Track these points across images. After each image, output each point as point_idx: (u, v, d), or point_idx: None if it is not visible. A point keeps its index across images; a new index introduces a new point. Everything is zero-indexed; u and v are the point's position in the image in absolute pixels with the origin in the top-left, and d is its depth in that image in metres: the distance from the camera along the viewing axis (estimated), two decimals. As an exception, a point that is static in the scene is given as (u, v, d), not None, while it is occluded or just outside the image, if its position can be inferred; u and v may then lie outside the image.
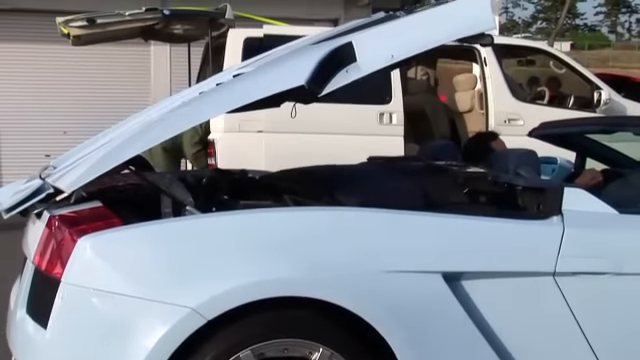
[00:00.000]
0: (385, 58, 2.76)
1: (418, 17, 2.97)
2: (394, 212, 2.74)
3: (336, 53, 2.80)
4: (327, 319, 2.57)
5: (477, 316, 2.71)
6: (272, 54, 3.64)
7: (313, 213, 2.75)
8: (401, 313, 2.60)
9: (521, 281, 2.75)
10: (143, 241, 2.58)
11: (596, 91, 7.43)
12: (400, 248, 2.66)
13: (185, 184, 3.12)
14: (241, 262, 2.53)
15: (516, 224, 2.81)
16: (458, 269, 2.70)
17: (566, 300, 2.76)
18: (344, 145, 6.30)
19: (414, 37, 2.80)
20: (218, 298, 2.45)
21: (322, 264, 2.56)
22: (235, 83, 3.17)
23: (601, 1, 73.03)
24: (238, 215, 2.74)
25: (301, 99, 3.41)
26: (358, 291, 2.56)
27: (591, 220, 2.86)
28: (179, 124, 2.94)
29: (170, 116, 3.06)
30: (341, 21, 13.21)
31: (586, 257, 2.78)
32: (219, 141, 6.63)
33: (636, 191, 3.48)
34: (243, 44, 6.73)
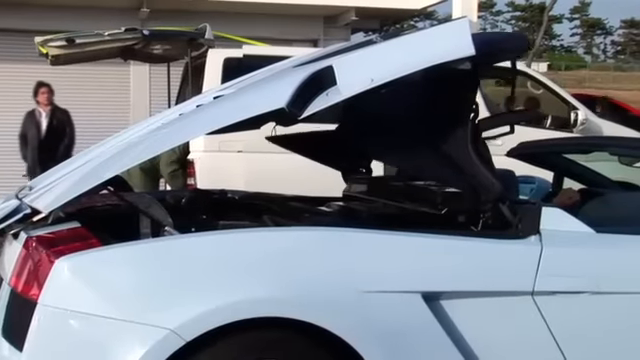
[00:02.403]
0: (365, 82, 2.78)
1: (398, 42, 3.00)
2: (373, 232, 2.75)
3: (316, 76, 2.83)
4: (307, 339, 2.56)
5: (456, 336, 2.71)
6: (252, 76, 3.66)
7: (292, 233, 2.76)
8: (381, 333, 2.60)
9: (500, 300, 2.76)
10: (121, 262, 2.56)
11: (573, 111, 7.51)
12: (379, 268, 2.66)
13: (164, 204, 3.12)
14: (220, 282, 2.52)
15: (495, 244, 2.82)
16: (437, 289, 2.71)
17: (544, 319, 2.78)
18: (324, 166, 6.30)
19: (394, 62, 2.83)
20: (197, 319, 2.44)
21: (301, 284, 2.56)
22: (215, 105, 3.18)
23: (577, 23, 74.01)
24: (217, 235, 2.73)
25: (281, 121, 3.43)
26: (338, 311, 2.56)
27: (569, 239, 2.88)
28: (159, 145, 2.93)
29: (150, 137, 3.06)
30: (320, 41, 13.29)
31: (564, 276, 2.80)
32: (199, 161, 6.62)
33: (612, 210, 3.52)
34: (223, 64, 6.75)
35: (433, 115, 3.08)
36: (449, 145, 2.96)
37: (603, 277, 2.84)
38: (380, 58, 2.89)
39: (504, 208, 2.87)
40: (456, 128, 2.96)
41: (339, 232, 2.75)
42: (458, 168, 2.92)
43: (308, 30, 13.19)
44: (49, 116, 8.37)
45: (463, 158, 2.91)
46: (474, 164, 2.89)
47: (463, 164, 2.91)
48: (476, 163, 2.89)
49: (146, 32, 7.39)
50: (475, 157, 2.90)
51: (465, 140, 2.92)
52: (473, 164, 2.89)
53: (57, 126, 8.36)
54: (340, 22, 13.39)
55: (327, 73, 2.82)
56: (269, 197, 3.80)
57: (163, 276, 2.52)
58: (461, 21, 2.84)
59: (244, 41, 7.90)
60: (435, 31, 2.97)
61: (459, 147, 2.92)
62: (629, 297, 2.87)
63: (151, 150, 2.93)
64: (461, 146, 2.92)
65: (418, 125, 3.11)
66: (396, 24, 18.20)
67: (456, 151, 2.93)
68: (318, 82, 2.81)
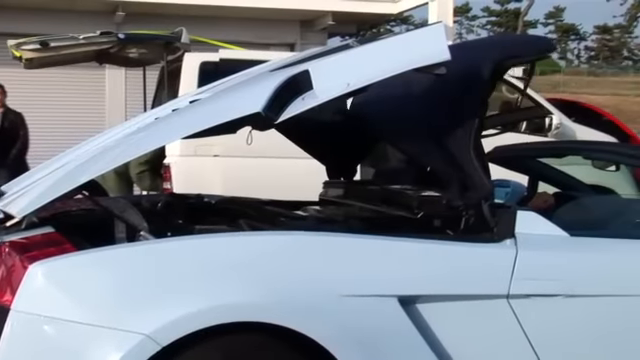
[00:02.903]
0: (341, 86, 2.79)
1: (374, 47, 3.01)
2: (350, 236, 2.76)
3: (293, 80, 2.83)
4: (284, 344, 2.56)
5: (433, 339, 2.72)
6: (229, 80, 3.65)
7: (268, 237, 2.75)
8: (357, 337, 2.60)
9: (476, 304, 2.78)
10: (96, 267, 2.55)
11: (547, 116, 7.57)
12: (356, 272, 2.66)
13: (140, 209, 3.10)
14: (196, 287, 2.51)
15: (470, 247, 2.84)
16: (413, 293, 2.72)
17: (520, 323, 2.80)
18: (300, 169, 6.30)
19: (370, 66, 2.84)
20: (173, 324, 2.43)
21: (278, 288, 2.56)
22: (191, 109, 3.17)
23: (551, 28, 74.71)
24: (193, 240, 2.72)
25: (257, 126, 3.43)
26: (314, 315, 2.56)
27: (543, 243, 2.91)
28: (135, 149, 2.92)
29: (126, 141, 3.04)
30: (297, 45, 13.30)
31: (539, 279, 2.82)
32: (175, 165, 6.59)
33: (586, 214, 3.55)
34: (199, 68, 6.73)
35: (446, 109, 3.10)
36: (454, 139, 3.00)
37: (577, 280, 2.87)
38: (356, 63, 2.90)
39: (486, 209, 2.89)
40: (464, 124, 2.99)
41: (315, 236, 2.75)
42: (456, 162, 2.95)
43: (285, 34, 13.20)
44: (1, 118, 8.11)
45: (463, 153, 2.94)
46: (472, 160, 2.92)
47: (462, 159, 2.95)
48: (474, 160, 2.92)
49: (122, 36, 7.35)
50: (474, 154, 2.94)
51: (469, 137, 2.96)
52: (471, 160, 2.92)
53: (9, 129, 8.12)
54: (317, 26, 13.41)
55: (303, 77, 2.82)
56: (245, 201, 3.79)
57: (138, 281, 2.51)
58: (436, 26, 2.86)
59: (221, 45, 7.89)
60: (411, 36, 2.99)
61: (462, 142, 2.96)
62: (603, 300, 2.90)
63: (127, 154, 2.91)
64: (464, 142, 2.96)
65: (431, 115, 3.14)
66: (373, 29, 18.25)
67: (459, 145, 2.97)
68: (294, 86, 2.81)
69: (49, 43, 7.09)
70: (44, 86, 10.78)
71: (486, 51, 3.32)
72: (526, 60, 3.53)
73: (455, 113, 3.04)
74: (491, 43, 4.24)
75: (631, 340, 2.93)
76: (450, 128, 3.02)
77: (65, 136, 9.35)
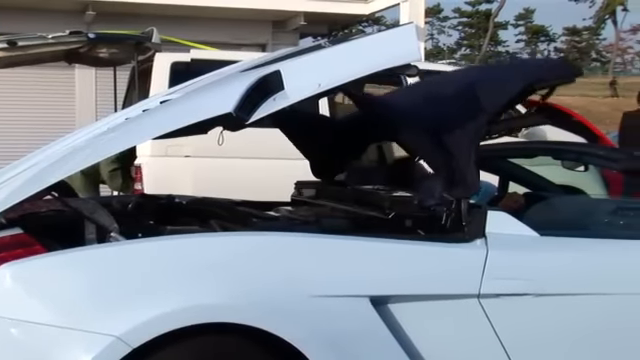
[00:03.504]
0: (312, 87, 2.79)
1: (346, 47, 3.02)
2: (321, 237, 2.76)
3: (264, 81, 2.82)
4: (255, 345, 2.55)
5: (405, 339, 2.73)
6: (200, 81, 3.64)
7: (240, 238, 2.74)
8: (329, 338, 2.60)
9: (447, 304, 2.80)
10: (66, 268, 2.52)
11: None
12: (327, 272, 2.67)
13: (110, 210, 3.08)
14: (167, 289, 2.50)
15: (441, 247, 2.85)
16: (385, 293, 2.73)
17: (490, 322, 2.82)
18: (272, 170, 6.30)
19: (341, 67, 2.85)
20: (143, 326, 2.41)
21: (249, 289, 2.55)
22: (162, 109, 3.16)
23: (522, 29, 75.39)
24: (164, 241, 2.71)
25: (228, 126, 3.42)
26: (286, 316, 2.56)
27: (513, 242, 2.93)
28: (105, 150, 2.90)
29: (96, 141, 3.02)
30: (269, 46, 13.28)
31: (509, 279, 2.84)
32: (146, 166, 6.54)
33: (556, 214, 3.59)
34: (170, 68, 6.68)
35: (459, 109, 3.15)
36: (458, 137, 3.04)
37: (546, 279, 2.90)
38: (328, 63, 2.90)
39: (465, 208, 2.91)
40: (471, 126, 3.05)
41: (287, 237, 2.74)
42: (455, 158, 2.98)
43: (257, 35, 13.17)
44: None
45: (464, 152, 2.99)
46: (470, 160, 2.98)
47: (460, 157, 2.99)
48: (472, 160, 2.97)
49: (91, 35, 7.28)
50: (473, 155, 2.99)
51: (473, 138, 3.02)
52: (470, 160, 2.97)
53: None
54: (289, 27, 13.41)
55: (274, 78, 2.82)
56: (217, 202, 3.78)
57: (108, 283, 2.49)
58: (407, 26, 2.87)
59: (192, 45, 7.85)
60: (382, 36, 3.00)
61: (465, 142, 3.01)
62: (572, 299, 2.93)
63: (96, 155, 2.89)
64: (467, 142, 3.01)
65: (443, 113, 3.19)
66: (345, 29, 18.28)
67: (460, 144, 3.01)
68: (265, 87, 2.81)
69: (17, 42, 7.00)
70: (13, 85, 10.65)
71: (521, 73, 3.42)
72: (555, 84, 3.59)
73: (468, 118, 3.09)
74: (526, 66, 4.32)
75: (601, 338, 2.96)
76: (458, 128, 3.07)
77: (34, 136, 9.24)
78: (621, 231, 3.47)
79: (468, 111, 3.11)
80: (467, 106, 3.16)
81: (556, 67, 3.55)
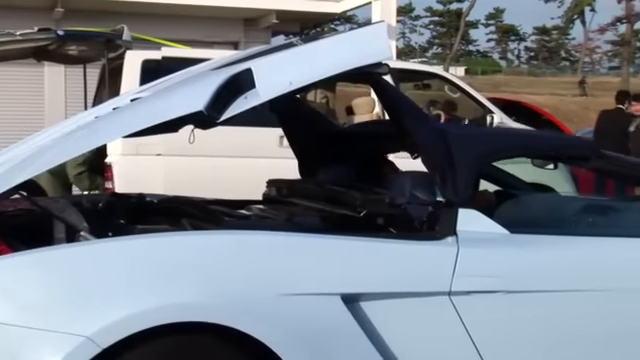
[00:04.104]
0: (284, 85, 2.79)
1: (317, 45, 3.02)
2: (293, 235, 2.76)
3: (235, 79, 2.81)
4: (227, 344, 2.54)
5: (377, 337, 2.74)
6: (171, 79, 3.62)
7: (211, 237, 2.73)
8: (301, 336, 2.60)
9: (418, 301, 2.81)
10: (34, 269, 2.49)
11: (488, 115, 7.69)
12: (299, 271, 2.66)
13: (80, 209, 3.04)
14: (137, 288, 2.48)
15: (412, 245, 2.86)
16: (356, 291, 2.73)
17: (461, 319, 2.83)
18: (244, 168, 6.29)
19: (312, 65, 2.85)
20: (113, 326, 2.39)
21: (221, 288, 2.54)
22: (132, 107, 3.13)
23: (492, 29, 75.95)
24: (134, 240, 2.68)
25: (199, 124, 3.41)
26: (257, 315, 2.55)
27: (484, 240, 2.95)
28: (74, 148, 2.87)
29: (64, 140, 2.98)
30: (241, 44, 13.24)
31: (480, 276, 2.86)
32: (116, 164, 6.49)
33: (526, 211, 3.62)
34: (141, 66, 6.63)
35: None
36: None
37: (516, 277, 2.92)
38: (299, 61, 2.90)
39: (449, 213, 2.93)
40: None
41: (259, 235, 2.74)
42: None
43: (229, 33, 13.13)
44: None
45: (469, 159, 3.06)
46: (472, 167, 3.06)
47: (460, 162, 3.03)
48: (473, 167, 3.06)
49: (60, 32, 7.19)
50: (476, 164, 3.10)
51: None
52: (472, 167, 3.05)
53: None
54: (261, 25, 13.38)
55: (246, 76, 2.81)
56: (188, 201, 3.75)
57: (78, 282, 2.46)
58: (379, 25, 2.88)
59: (163, 43, 7.79)
60: (354, 34, 3.00)
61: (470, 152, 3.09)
62: (542, 296, 2.95)
63: (65, 153, 2.86)
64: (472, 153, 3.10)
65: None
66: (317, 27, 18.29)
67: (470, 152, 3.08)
68: (237, 85, 2.80)
69: (-16, 39, 6.90)
70: (-20, 83, 10.53)
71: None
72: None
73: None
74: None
75: (571, 334, 2.99)
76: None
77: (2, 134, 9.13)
78: (590, 228, 3.51)
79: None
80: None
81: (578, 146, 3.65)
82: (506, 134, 3.97)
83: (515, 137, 3.69)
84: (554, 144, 3.68)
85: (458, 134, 3.28)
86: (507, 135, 3.77)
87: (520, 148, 3.49)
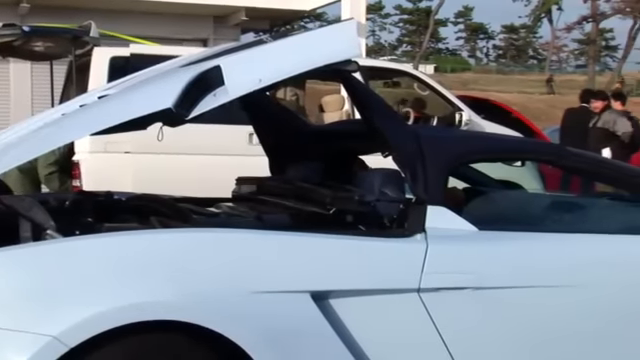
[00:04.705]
0: (253, 82, 2.78)
1: (286, 42, 3.02)
2: (261, 232, 2.75)
3: (204, 76, 2.79)
4: (197, 343, 2.53)
5: (346, 334, 2.74)
6: (138, 76, 3.59)
7: (180, 235, 2.72)
8: (271, 334, 2.60)
9: (388, 298, 2.82)
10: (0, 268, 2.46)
11: (457, 112, 7.75)
12: (268, 268, 2.66)
13: (47, 207, 3.01)
14: (106, 287, 2.46)
15: (381, 242, 2.87)
16: (326, 288, 2.73)
17: (430, 316, 2.85)
18: (214, 166, 6.26)
19: (282, 62, 2.85)
20: (81, 325, 2.37)
21: (190, 287, 2.53)
22: (100, 105, 3.10)
23: (461, 27, 76.47)
24: (102, 238, 2.66)
25: (168, 122, 3.39)
26: (227, 313, 2.54)
27: (453, 237, 2.97)
28: (40, 146, 2.83)
29: (31, 137, 2.95)
30: (210, 41, 13.19)
31: (448, 273, 2.88)
32: (84, 162, 6.42)
33: (494, 208, 3.65)
34: (109, 63, 6.57)
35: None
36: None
37: (484, 273, 2.94)
38: (268, 58, 2.89)
39: (418, 211, 2.94)
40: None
41: (227, 233, 2.73)
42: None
43: (198, 30, 13.08)
44: None
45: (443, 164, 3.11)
46: (443, 171, 3.10)
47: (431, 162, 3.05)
48: (444, 173, 3.11)
49: (26, 28, 7.09)
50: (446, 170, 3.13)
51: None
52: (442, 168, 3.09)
53: None
54: (230, 22, 13.35)
55: (215, 73, 2.79)
56: (157, 199, 3.73)
57: (44, 281, 2.44)
58: (348, 22, 2.88)
59: (131, 40, 7.73)
60: (323, 32, 3.01)
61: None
62: (510, 292, 2.98)
63: (32, 151, 2.82)
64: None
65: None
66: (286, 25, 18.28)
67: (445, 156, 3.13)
68: (205, 82, 2.78)
69: (-52, 35, 6.80)
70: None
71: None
72: None
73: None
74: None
75: (538, 330, 3.02)
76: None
77: (-33, 132, 8.99)
78: (558, 225, 3.55)
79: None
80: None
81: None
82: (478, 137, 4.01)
83: (486, 140, 3.72)
84: (523, 147, 3.73)
85: (429, 134, 3.31)
86: (479, 138, 3.80)
87: (491, 151, 3.52)
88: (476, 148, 3.43)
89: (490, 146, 3.53)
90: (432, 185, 3.01)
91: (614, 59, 64.40)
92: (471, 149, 3.39)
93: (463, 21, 75.77)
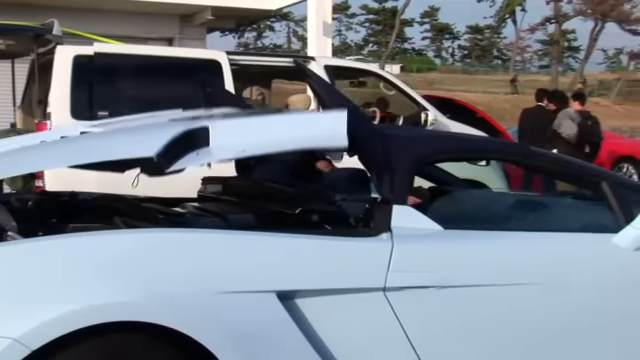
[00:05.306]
0: (237, 150, 2.82)
1: (278, 119, 3.07)
2: (227, 232, 2.74)
3: (191, 134, 2.84)
4: (163, 344, 2.51)
5: (312, 334, 2.74)
6: (125, 121, 3.66)
7: (145, 235, 2.69)
8: (237, 334, 2.59)
9: (353, 297, 2.82)
10: None
11: (423, 112, 7.79)
12: (234, 269, 2.65)
13: (9, 208, 2.97)
14: (68, 288, 2.43)
15: (347, 242, 2.88)
16: (292, 288, 2.73)
17: (396, 314, 2.86)
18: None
19: (269, 138, 2.88)
20: (43, 326, 2.34)
21: (155, 287, 2.51)
22: (83, 140, 3.13)
23: (427, 27, 76.91)
24: (65, 239, 2.63)
25: (147, 170, 3.40)
26: (192, 313, 2.53)
27: (418, 236, 2.98)
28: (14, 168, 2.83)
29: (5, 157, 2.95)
30: (176, 40, 13.10)
31: (414, 272, 2.89)
32: (47, 162, 6.34)
33: (459, 208, 3.68)
34: (72, 62, 6.49)
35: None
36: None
37: (449, 272, 2.96)
38: (257, 131, 2.93)
39: (384, 210, 2.95)
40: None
41: (192, 233, 2.71)
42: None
43: (163, 28, 12.98)
44: None
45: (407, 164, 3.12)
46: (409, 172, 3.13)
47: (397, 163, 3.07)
48: (410, 173, 3.14)
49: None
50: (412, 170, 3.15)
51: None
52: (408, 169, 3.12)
53: None
54: (196, 21, 13.27)
55: (202, 133, 2.84)
56: (122, 199, 3.70)
57: (5, 283, 2.40)
58: (341, 115, 2.91)
59: (95, 38, 7.64)
60: (315, 117, 3.09)
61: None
62: (474, 290, 3.00)
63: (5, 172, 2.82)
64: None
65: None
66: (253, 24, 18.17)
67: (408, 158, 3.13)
68: (191, 140, 2.82)
69: None
70: None
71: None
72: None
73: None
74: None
75: (503, 328, 3.05)
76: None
77: None
78: (522, 224, 3.59)
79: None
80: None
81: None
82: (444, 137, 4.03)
83: (452, 140, 3.75)
84: (489, 147, 3.76)
85: (395, 134, 3.32)
86: (445, 138, 3.83)
87: (457, 151, 3.55)
88: (442, 148, 3.45)
89: (456, 146, 3.56)
90: (398, 185, 3.02)
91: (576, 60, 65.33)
92: (437, 149, 3.41)
93: (429, 21, 76.21)
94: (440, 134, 5.29)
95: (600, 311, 3.21)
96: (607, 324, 3.22)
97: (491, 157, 4.28)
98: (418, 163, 3.27)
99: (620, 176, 6.10)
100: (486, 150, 3.73)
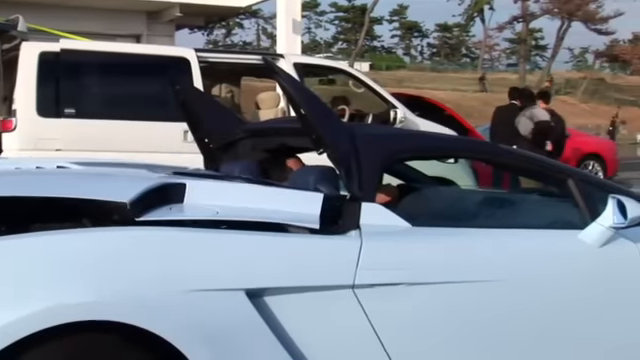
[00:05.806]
0: (210, 212, 2.82)
1: (256, 190, 3.09)
2: (194, 230, 2.72)
3: (167, 188, 2.86)
4: (132, 343, 2.49)
5: (282, 332, 2.73)
6: (106, 164, 3.73)
7: (110, 234, 2.66)
8: (205, 333, 2.57)
9: (322, 295, 2.82)
10: None
11: (392, 110, 7.82)
12: (202, 266, 2.63)
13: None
14: (30, 288, 2.39)
15: (315, 239, 2.87)
16: (260, 285, 2.72)
17: (365, 312, 2.86)
18: (146, 163, 6.18)
19: (244, 206, 2.90)
20: (5, 328, 2.30)
21: (121, 286, 2.48)
22: (59, 174, 3.19)
23: (396, 25, 77.20)
24: (27, 238, 2.58)
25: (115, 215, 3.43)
26: (160, 312, 2.50)
27: (387, 234, 2.99)
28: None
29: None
30: (144, 37, 12.99)
31: (382, 269, 2.90)
32: (13, 160, 6.26)
33: (428, 205, 3.69)
34: (38, 58, 6.42)
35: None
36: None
37: (418, 269, 2.97)
38: (233, 197, 2.95)
39: (354, 208, 2.97)
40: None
41: (159, 231, 2.69)
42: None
43: (131, 25, 12.88)
44: None
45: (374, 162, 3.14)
46: (377, 170, 3.16)
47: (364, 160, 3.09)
48: (378, 170, 3.17)
49: (-50, 22, 6.89)
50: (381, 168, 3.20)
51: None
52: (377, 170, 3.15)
53: None
54: (164, 18, 13.17)
55: (178, 189, 2.88)
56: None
57: None
58: (318, 196, 2.94)
59: (62, 35, 7.55)
60: (293, 194, 3.06)
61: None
62: (444, 287, 3.01)
63: None
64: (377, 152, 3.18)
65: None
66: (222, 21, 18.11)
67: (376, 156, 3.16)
68: (166, 194, 2.85)
69: None
70: None
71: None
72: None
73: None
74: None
75: (473, 325, 3.07)
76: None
77: None
78: (490, 220, 3.62)
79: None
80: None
81: None
82: (412, 135, 4.05)
83: (421, 138, 3.76)
84: (458, 145, 3.78)
85: (364, 132, 3.33)
86: (413, 136, 3.84)
87: (426, 149, 3.56)
88: (411, 146, 3.46)
89: (425, 144, 3.57)
90: (366, 182, 3.03)
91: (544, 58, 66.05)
92: (406, 147, 3.42)
93: (398, 19, 76.53)
94: (409, 132, 5.31)
95: (567, 307, 3.24)
96: (573, 320, 3.25)
97: (460, 155, 4.30)
98: (387, 161, 3.28)
99: (586, 173, 6.18)
100: (455, 148, 3.76)
